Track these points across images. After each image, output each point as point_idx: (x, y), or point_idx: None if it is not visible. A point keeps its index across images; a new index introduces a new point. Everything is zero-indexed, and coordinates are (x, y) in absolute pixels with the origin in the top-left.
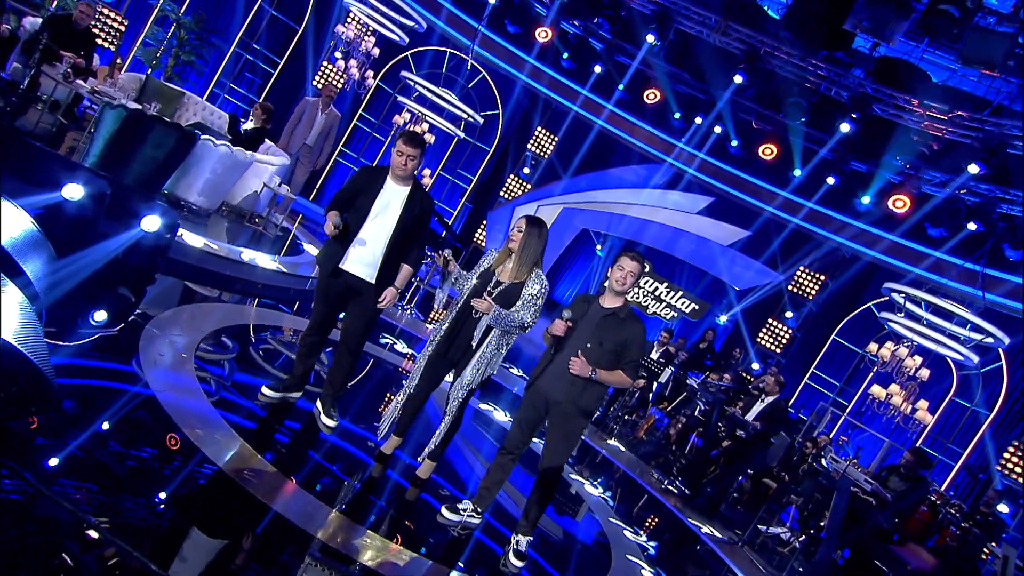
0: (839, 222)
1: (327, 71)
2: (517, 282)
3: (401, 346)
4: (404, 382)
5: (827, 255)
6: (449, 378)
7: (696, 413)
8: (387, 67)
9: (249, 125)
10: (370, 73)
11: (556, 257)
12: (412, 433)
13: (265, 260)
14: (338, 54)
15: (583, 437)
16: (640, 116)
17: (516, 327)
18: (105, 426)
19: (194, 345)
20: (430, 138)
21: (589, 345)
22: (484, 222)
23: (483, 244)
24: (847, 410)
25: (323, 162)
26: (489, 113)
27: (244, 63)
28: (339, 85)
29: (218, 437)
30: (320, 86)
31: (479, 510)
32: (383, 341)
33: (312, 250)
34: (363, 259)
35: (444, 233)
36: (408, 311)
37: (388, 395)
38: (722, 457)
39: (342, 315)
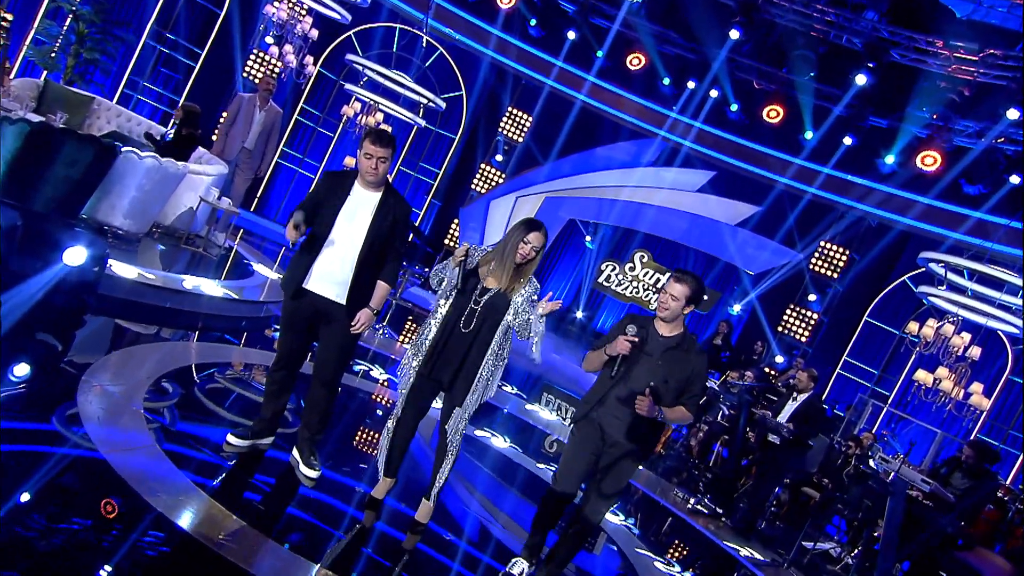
0: (862, 188)
1: (259, 60)
2: (503, 290)
3: (377, 372)
4: (390, 418)
5: (851, 227)
6: (437, 403)
7: (719, 419)
8: (328, 50)
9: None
10: (309, 59)
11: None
12: (400, 471)
13: (211, 287)
14: (269, 39)
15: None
16: (625, 86)
17: (535, 335)
18: (47, 500)
19: (140, 393)
20: (388, 129)
21: (653, 384)
22: (456, 221)
23: (456, 247)
24: (889, 401)
25: (266, 167)
26: (451, 95)
27: (159, 57)
28: (276, 77)
29: (183, 499)
30: (256, 79)
31: (533, 560)
32: (355, 368)
33: (264, 270)
34: (330, 277)
35: (411, 236)
36: (381, 330)
37: (369, 431)
38: (753, 467)
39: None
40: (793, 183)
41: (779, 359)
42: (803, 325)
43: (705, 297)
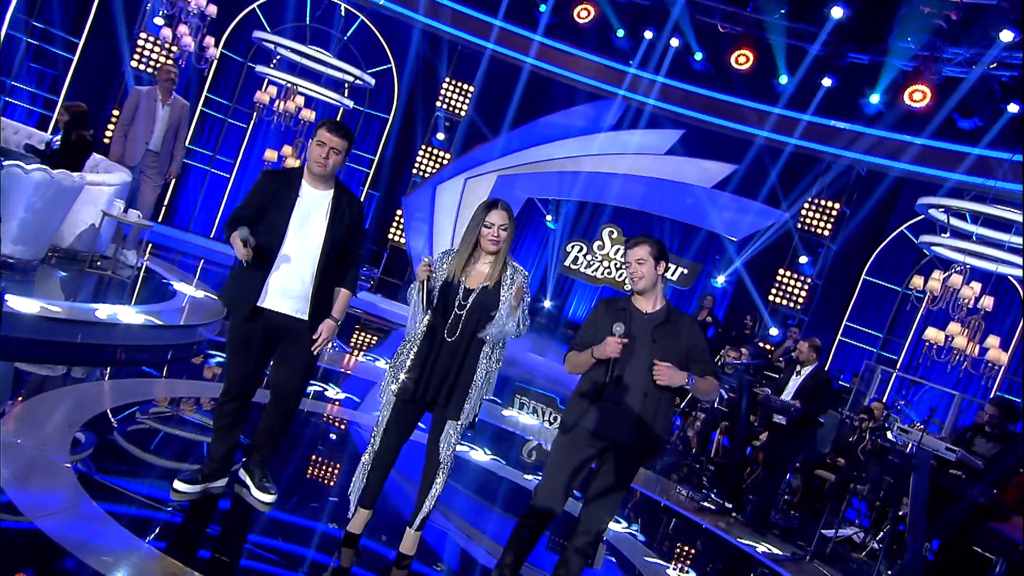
0: (847, 134)
1: (149, 46)
2: (490, 285)
3: (333, 391)
4: (365, 452)
5: (839, 178)
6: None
7: (717, 405)
8: (231, 28)
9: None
10: (210, 40)
11: None
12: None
13: (128, 313)
14: (159, 20)
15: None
16: (575, 43)
17: (518, 332)
18: None
19: (61, 445)
20: (309, 115)
21: (651, 369)
22: (399, 212)
23: (402, 242)
24: (898, 365)
25: (176, 171)
26: (380, 69)
27: (28, 50)
28: (176, 65)
29: (135, 559)
30: (153, 70)
31: None
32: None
33: (186, 289)
34: (289, 291)
35: None
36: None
37: (328, 461)
38: (760, 454)
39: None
40: (772, 135)
41: (773, 331)
42: (796, 291)
43: (665, 251)
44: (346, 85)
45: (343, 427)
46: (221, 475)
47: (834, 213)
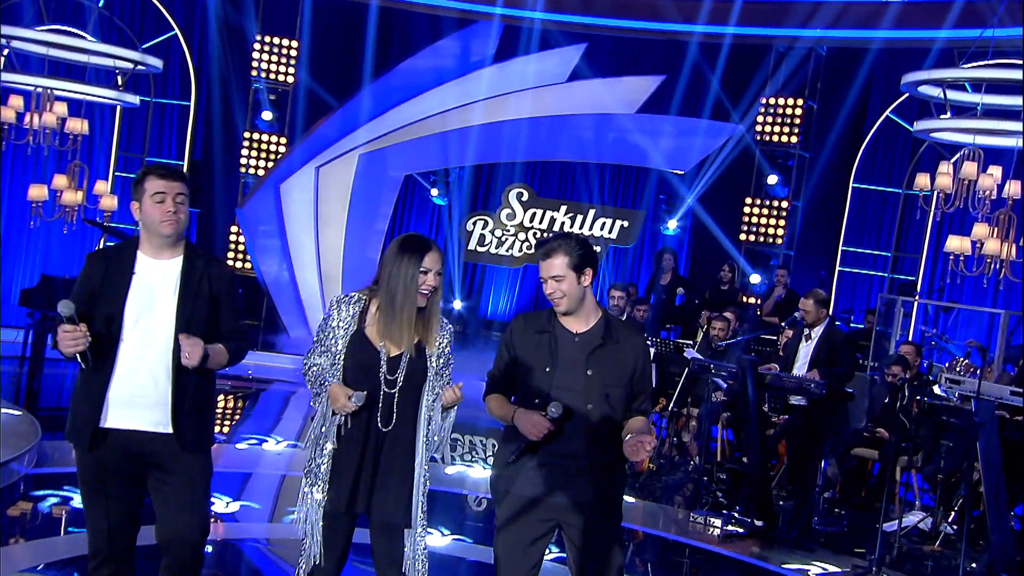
0: (800, 7)
1: None
2: (419, 345)
3: (223, 503)
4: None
5: (799, 67)
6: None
7: (711, 398)
8: None
9: None
10: None
11: (382, 232)
12: None
13: None
14: None
15: None
16: None
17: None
18: None
19: None
20: (79, 126)
21: (590, 406)
22: (235, 230)
23: (249, 268)
24: (918, 288)
25: None
26: (160, 40)
27: None
28: None
29: None
30: None
31: None
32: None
33: None
34: (139, 399)
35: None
36: None
37: None
38: (780, 445)
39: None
40: (703, 27)
41: (754, 279)
42: (771, 222)
43: (597, 249)
44: (120, 75)
45: (259, 558)
46: None
47: (798, 112)
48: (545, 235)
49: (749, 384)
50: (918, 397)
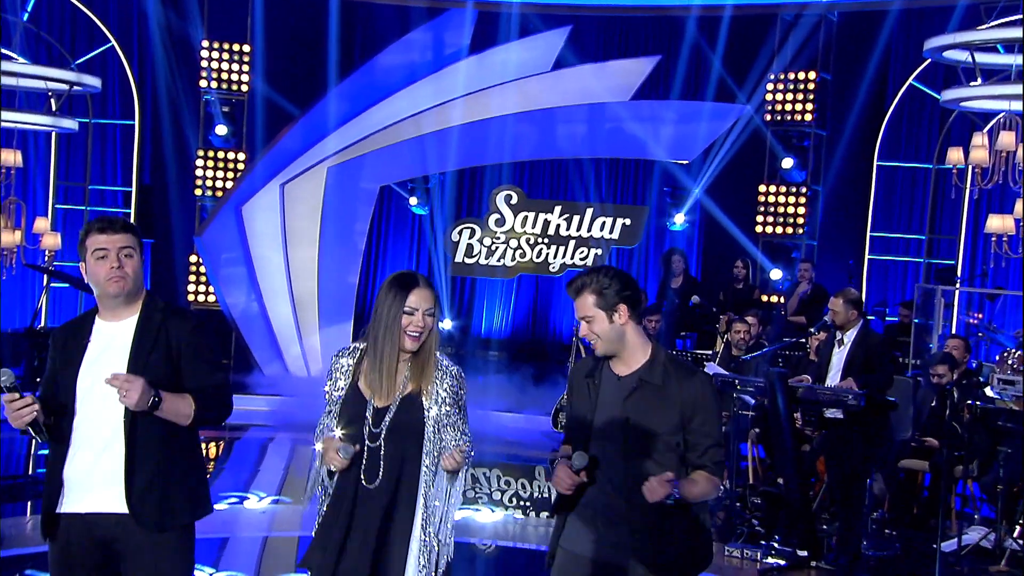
0: None
1: None
2: (413, 393)
3: None
4: None
5: (809, 37)
6: None
7: (739, 410)
8: None
9: None
10: None
11: (359, 251)
12: None
13: None
14: None
15: None
16: None
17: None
18: None
19: None
20: (11, 158)
21: (627, 456)
22: (194, 259)
23: (213, 300)
24: (959, 273)
25: None
26: (96, 54)
27: None
28: None
29: None
30: None
31: None
32: None
33: None
34: (96, 478)
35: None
36: None
37: None
38: (818, 462)
39: None
40: (700, 0)
41: (775, 274)
42: (789, 210)
43: (621, 288)
44: (53, 97)
45: None
46: None
47: (811, 87)
48: (541, 241)
49: (780, 400)
50: (969, 401)
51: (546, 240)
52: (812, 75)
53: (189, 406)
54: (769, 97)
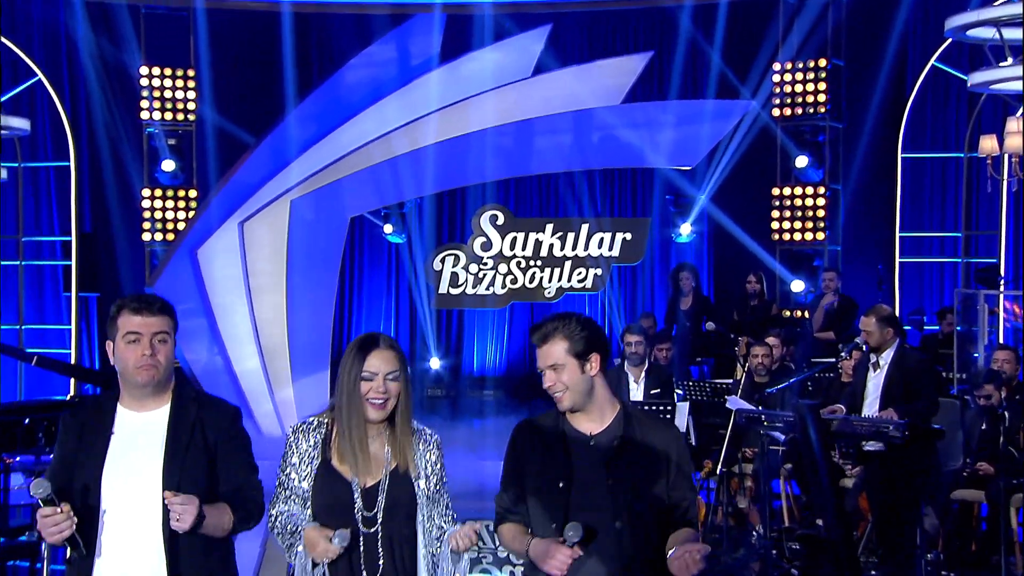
0: None
1: None
2: (401, 468)
3: None
4: None
5: (817, 21)
6: None
7: (765, 450)
8: None
9: None
10: None
11: (332, 289)
12: None
13: None
14: None
15: None
16: None
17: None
18: None
19: None
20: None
21: (619, 524)
22: None
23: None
24: (1002, 274)
25: None
26: (18, 90)
27: None
28: None
29: None
30: None
31: None
32: None
33: None
34: None
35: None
36: None
37: None
38: (860, 499)
39: None
40: None
41: (796, 287)
42: (807, 213)
43: (594, 336)
44: None
45: None
46: None
47: (822, 76)
48: (533, 264)
49: (812, 436)
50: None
51: (539, 262)
52: (823, 62)
53: (229, 520)
54: (777, 91)
